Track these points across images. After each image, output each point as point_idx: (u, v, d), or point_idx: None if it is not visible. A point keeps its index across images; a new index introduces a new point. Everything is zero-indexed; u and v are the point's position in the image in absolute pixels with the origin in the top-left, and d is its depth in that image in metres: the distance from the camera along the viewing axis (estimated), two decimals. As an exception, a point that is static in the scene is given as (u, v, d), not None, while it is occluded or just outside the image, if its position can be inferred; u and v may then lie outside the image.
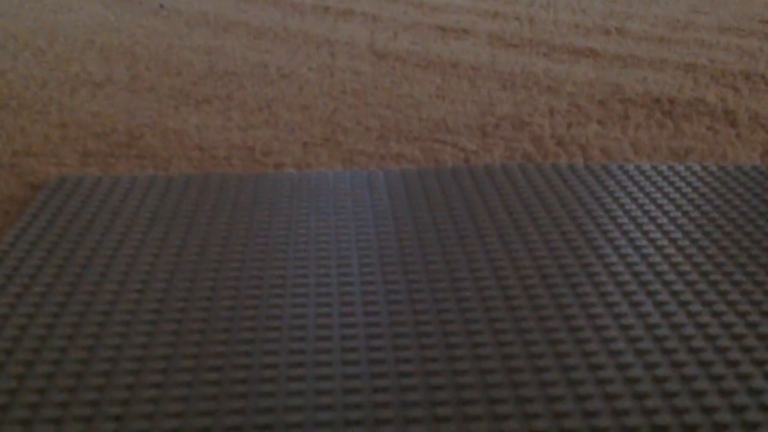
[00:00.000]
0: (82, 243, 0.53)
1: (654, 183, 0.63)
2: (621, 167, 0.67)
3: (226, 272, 0.49)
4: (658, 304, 0.45)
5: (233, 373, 0.39)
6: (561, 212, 0.58)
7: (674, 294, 0.46)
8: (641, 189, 0.62)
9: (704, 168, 0.66)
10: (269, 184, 0.63)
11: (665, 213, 0.57)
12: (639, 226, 0.55)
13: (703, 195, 0.61)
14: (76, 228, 0.55)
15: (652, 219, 0.56)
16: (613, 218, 0.57)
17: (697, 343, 0.41)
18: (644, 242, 0.53)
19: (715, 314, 0.44)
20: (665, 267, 0.49)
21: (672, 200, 0.60)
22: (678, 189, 0.62)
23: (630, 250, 0.52)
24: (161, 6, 1.04)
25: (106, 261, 0.50)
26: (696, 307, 0.45)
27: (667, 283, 0.47)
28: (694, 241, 0.53)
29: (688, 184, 0.63)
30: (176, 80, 0.96)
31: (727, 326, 0.43)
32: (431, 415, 0.36)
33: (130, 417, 0.36)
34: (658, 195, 0.61)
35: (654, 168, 0.66)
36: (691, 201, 0.60)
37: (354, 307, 0.45)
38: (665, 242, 0.53)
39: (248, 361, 0.40)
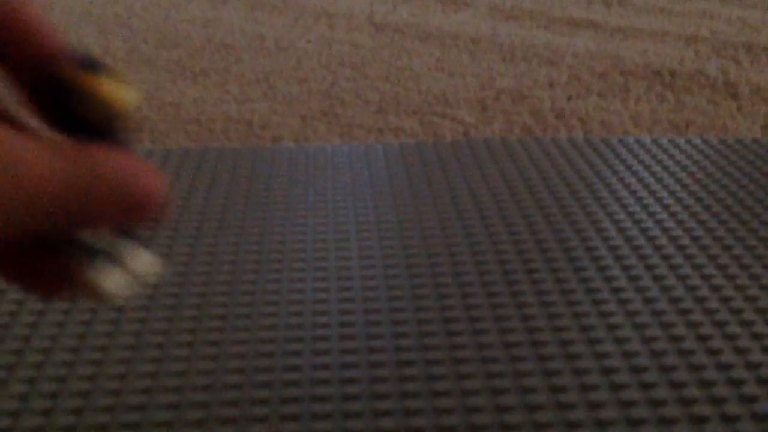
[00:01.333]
0: (79, 217, 0.53)
1: (654, 156, 0.63)
2: (621, 140, 0.66)
3: (222, 248, 0.49)
4: (657, 278, 0.45)
5: (230, 348, 0.39)
6: (560, 186, 0.57)
7: (673, 268, 0.46)
8: (641, 162, 0.62)
9: (705, 141, 0.66)
10: (267, 157, 0.63)
11: (665, 186, 0.57)
12: (639, 199, 0.55)
13: (703, 168, 0.60)
14: (73, 202, 0.55)
15: (652, 192, 0.56)
16: (613, 192, 0.56)
17: (696, 317, 0.41)
18: (644, 216, 0.53)
19: (714, 288, 0.44)
20: (664, 241, 0.49)
21: (672, 174, 0.59)
22: (678, 162, 0.62)
23: (629, 224, 0.51)
24: None
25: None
26: (695, 281, 0.45)
27: (666, 257, 0.47)
28: (693, 214, 0.53)
29: (689, 157, 0.63)
30: (173, 53, 0.95)
31: (726, 300, 0.43)
32: (432, 402, 0.36)
33: (126, 391, 0.36)
34: (658, 168, 0.60)
35: (654, 141, 0.66)
36: (691, 174, 0.59)
37: (352, 282, 0.45)
38: (665, 216, 0.53)
39: (246, 336, 0.40)
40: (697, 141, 0.66)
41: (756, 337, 0.40)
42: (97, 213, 0.20)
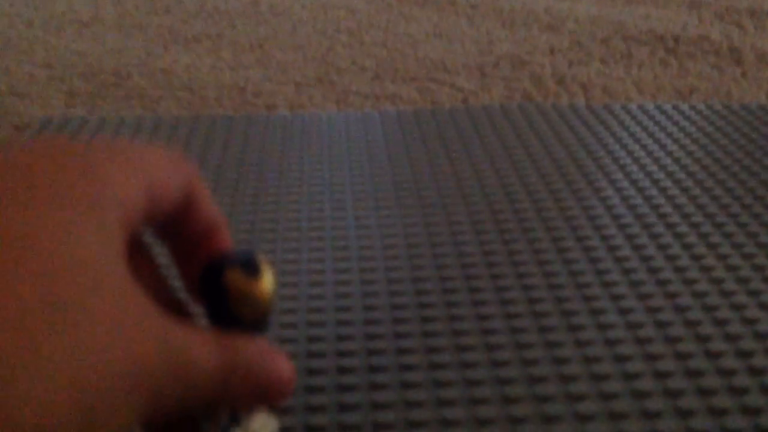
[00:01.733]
0: (68, 186, 0.51)
1: (658, 123, 0.61)
2: (624, 107, 0.65)
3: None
4: (662, 247, 0.44)
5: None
6: (562, 154, 0.56)
7: (678, 236, 0.45)
8: (644, 129, 0.60)
9: (709, 107, 0.64)
10: (261, 125, 0.61)
11: (669, 153, 0.56)
12: (642, 167, 0.54)
13: (708, 135, 0.59)
14: (62, 171, 0.53)
15: (656, 160, 0.55)
16: (616, 159, 0.55)
17: (702, 287, 0.40)
18: (647, 184, 0.51)
19: (720, 257, 0.43)
20: (669, 209, 0.48)
21: (676, 140, 0.58)
22: (682, 129, 0.60)
23: (633, 192, 0.50)
24: None
25: (92, 205, 0.49)
26: (700, 250, 0.43)
27: (670, 226, 0.46)
28: (698, 182, 0.51)
29: (693, 123, 0.61)
30: (165, 18, 0.93)
31: (733, 269, 0.42)
32: (431, 376, 0.35)
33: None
34: (662, 135, 0.59)
35: (658, 107, 0.64)
36: (695, 141, 0.58)
37: (348, 252, 0.43)
38: (669, 183, 0.51)
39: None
40: (701, 107, 0.64)
41: (764, 307, 0.39)
42: (237, 396, 0.22)
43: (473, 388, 0.33)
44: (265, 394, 0.23)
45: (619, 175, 0.52)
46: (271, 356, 0.24)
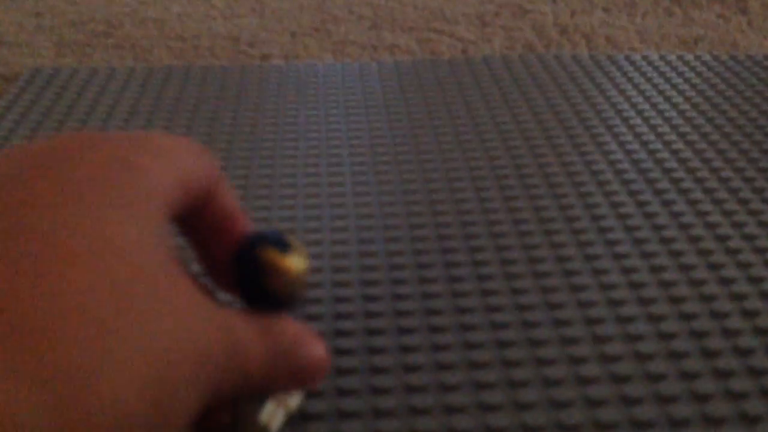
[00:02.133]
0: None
1: (662, 73, 0.60)
2: (627, 57, 0.63)
3: (209, 171, 0.46)
4: (666, 203, 0.43)
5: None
6: (564, 105, 0.54)
7: (682, 192, 0.44)
8: (649, 80, 0.59)
9: (714, 57, 0.63)
10: (255, 76, 0.60)
11: (674, 105, 0.54)
12: (646, 119, 0.52)
13: (713, 86, 0.57)
14: (51, 122, 0.52)
15: (660, 112, 0.53)
16: (619, 111, 0.53)
17: (707, 244, 0.39)
18: (652, 137, 0.50)
19: (726, 213, 0.42)
20: (674, 164, 0.47)
21: (681, 91, 0.57)
22: (687, 80, 0.59)
23: (636, 146, 0.49)
24: None
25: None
26: (706, 206, 0.42)
27: (675, 181, 0.45)
28: (704, 135, 0.50)
29: (698, 74, 0.60)
30: (157, -35, 0.91)
31: (738, 226, 0.41)
32: (429, 339, 0.34)
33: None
34: (667, 86, 0.57)
35: (662, 57, 0.63)
36: (701, 92, 0.56)
37: (345, 209, 0.42)
38: (674, 137, 0.50)
39: (233, 266, 0.38)
40: (707, 57, 0.63)
41: (758, 251, 0.38)
42: (277, 380, 0.23)
43: (473, 351, 0.33)
44: (303, 378, 0.24)
45: (623, 128, 0.51)
46: (308, 339, 0.24)
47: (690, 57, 0.63)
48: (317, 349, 0.24)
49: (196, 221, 0.25)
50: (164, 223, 0.20)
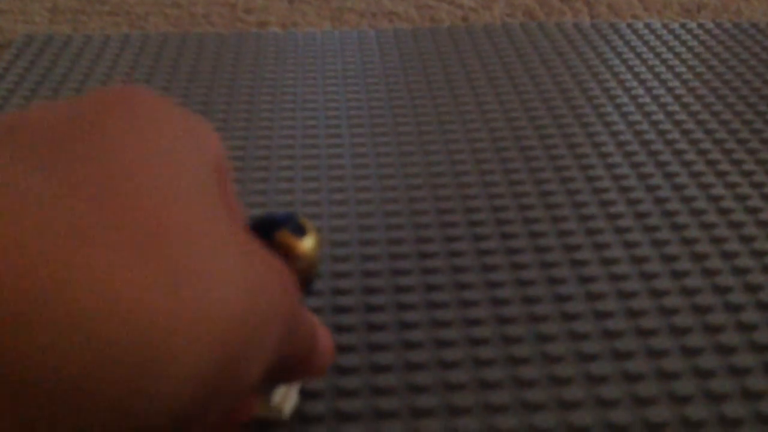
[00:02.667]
0: (52, 110, 0.49)
1: (665, 42, 0.59)
2: (629, 25, 0.62)
3: (206, 142, 0.46)
4: (668, 176, 0.42)
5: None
6: (565, 75, 0.54)
7: (686, 164, 0.43)
8: (651, 48, 0.58)
9: (718, 25, 0.62)
10: (252, 44, 0.59)
11: (676, 74, 0.54)
12: (648, 89, 0.52)
13: (716, 54, 0.57)
14: (45, 90, 0.51)
15: (663, 81, 0.53)
16: (621, 81, 0.53)
17: (709, 218, 0.39)
18: (654, 107, 0.49)
19: (729, 185, 0.41)
20: (676, 135, 0.46)
21: (684, 60, 0.56)
22: (690, 48, 0.58)
23: (639, 117, 0.48)
24: None
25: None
26: (709, 179, 0.42)
27: (678, 152, 0.44)
28: (707, 105, 0.50)
29: (701, 42, 0.59)
30: (152, -71, 0.89)
31: (741, 198, 0.40)
32: (428, 315, 0.34)
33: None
34: (669, 55, 0.57)
35: (665, 26, 0.62)
36: (704, 61, 0.56)
37: (344, 182, 0.42)
38: (676, 107, 0.49)
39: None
40: (710, 25, 0.62)
41: (762, 224, 0.37)
42: (292, 368, 0.22)
43: (473, 327, 0.32)
44: (308, 366, 0.23)
45: (625, 98, 0.50)
46: (321, 329, 0.24)
47: (693, 25, 0.62)
48: (328, 339, 0.24)
49: None
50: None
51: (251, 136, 0.46)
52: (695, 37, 0.60)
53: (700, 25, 0.62)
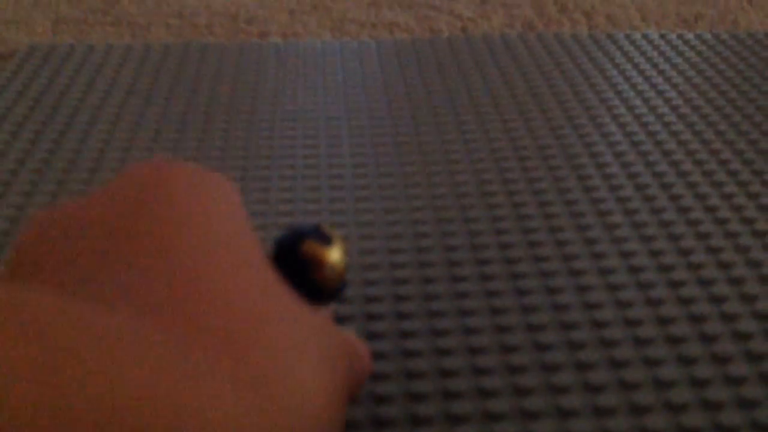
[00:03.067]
0: (55, 116, 0.50)
1: (662, 53, 0.59)
2: (627, 36, 0.63)
3: (206, 151, 0.46)
4: (665, 187, 0.43)
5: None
6: (563, 86, 0.54)
7: (682, 175, 0.44)
8: (648, 59, 0.58)
9: (715, 36, 0.63)
10: (253, 54, 0.59)
11: (674, 85, 0.54)
12: (645, 100, 0.52)
13: (713, 65, 0.57)
14: (48, 100, 0.52)
15: (660, 92, 0.53)
16: (619, 92, 0.53)
17: (705, 227, 0.39)
18: (651, 118, 0.50)
19: (725, 196, 0.42)
20: (673, 145, 0.47)
21: (681, 71, 0.56)
22: (687, 59, 0.58)
23: (636, 128, 0.49)
24: None
25: (81, 135, 0.47)
26: (705, 189, 0.42)
27: (675, 164, 0.45)
28: (704, 116, 0.50)
29: (698, 53, 0.59)
30: (154, -61, 0.90)
31: (736, 209, 0.41)
32: (426, 306, 0.34)
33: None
34: (667, 66, 0.57)
35: (662, 36, 0.63)
36: (701, 72, 0.56)
37: (344, 191, 0.42)
38: (673, 118, 0.50)
39: (232, 249, 0.38)
40: (707, 36, 0.63)
41: (758, 235, 0.38)
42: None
43: (468, 317, 0.33)
44: (358, 383, 0.24)
45: (622, 109, 0.51)
46: (359, 345, 0.24)
47: (690, 36, 0.63)
48: (366, 355, 0.25)
49: None
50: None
51: (252, 146, 0.47)
52: (693, 48, 0.60)
53: (698, 36, 0.62)
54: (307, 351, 0.18)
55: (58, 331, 0.13)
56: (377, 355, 0.32)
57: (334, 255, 0.25)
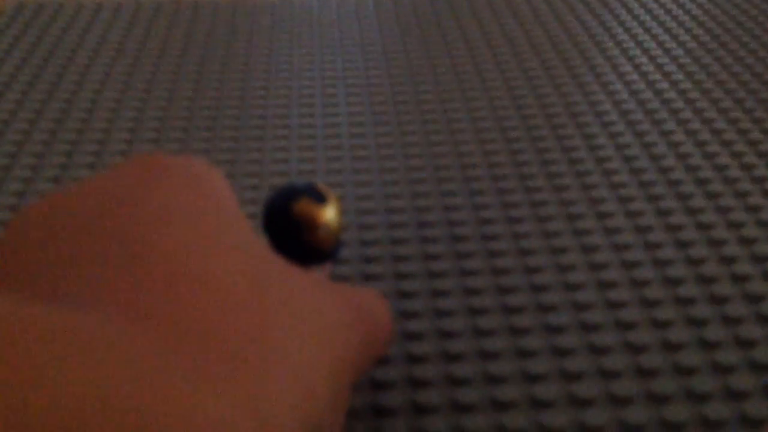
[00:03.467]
0: (43, 75, 0.48)
1: (668, 11, 0.58)
2: (632, -7, 0.61)
3: (199, 111, 0.45)
4: (665, 133, 0.41)
5: (208, 225, 0.36)
6: (566, 43, 0.53)
7: (690, 133, 0.42)
8: (655, 17, 0.57)
9: (723, -6, 0.61)
10: (247, 13, 0.58)
11: (681, 43, 0.53)
12: (652, 58, 0.51)
13: (713, 18, 0.56)
14: (37, 59, 0.50)
15: (667, 51, 0.52)
16: (624, 50, 0.52)
17: (715, 187, 0.38)
18: (658, 76, 0.48)
19: (735, 155, 0.41)
20: (681, 104, 0.45)
21: (688, 29, 0.55)
22: (688, 11, 0.57)
23: (643, 86, 0.47)
24: None
25: (69, 96, 0.46)
26: (704, 136, 0.41)
27: (682, 122, 0.43)
28: (712, 74, 0.49)
29: (699, 6, 0.58)
30: None
31: (747, 168, 0.39)
32: (425, 266, 0.33)
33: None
34: (674, 24, 0.56)
35: (668, -6, 0.61)
36: (708, 30, 0.54)
37: (341, 151, 0.41)
38: (681, 76, 0.48)
39: (224, 210, 0.37)
40: (715, -6, 0.61)
41: (756, 180, 0.37)
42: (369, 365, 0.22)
43: (469, 278, 0.31)
44: (380, 347, 0.23)
45: (628, 68, 0.49)
46: (379, 302, 0.23)
47: (697, -7, 0.61)
48: (387, 311, 0.24)
49: None
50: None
51: (246, 105, 0.45)
52: (698, 5, 0.59)
53: (705, -6, 0.61)
54: (304, 340, 0.17)
55: (7, 335, 0.12)
56: (375, 318, 0.30)
57: (329, 214, 0.24)
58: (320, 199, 0.24)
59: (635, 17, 0.56)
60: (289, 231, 0.23)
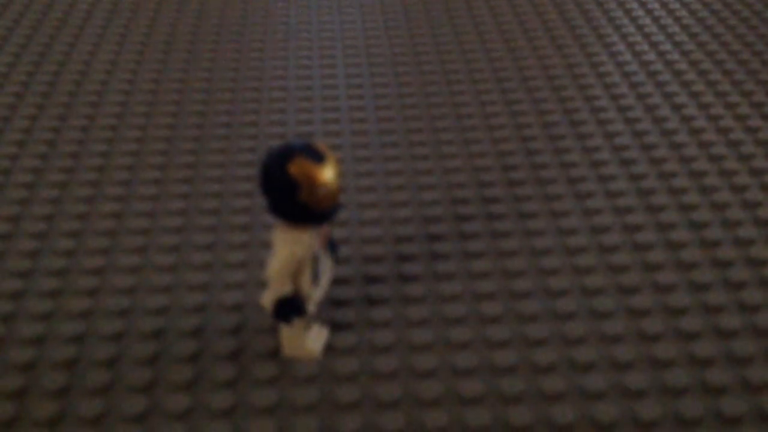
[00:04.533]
0: (35, 36, 0.47)
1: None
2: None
3: (195, 72, 0.44)
4: (676, 107, 0.41)
5: (203, 187, 0.35)
6: (570, 5, 0.52)
7: (694, 95, 0.42)
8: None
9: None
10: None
11: (685, 4, 0.52)
12: (656, 19, 0.50)
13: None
14: (29, 20, 0.49)
15: (671, 12, 0.51)
16: (628, 11, 0.51)
17: (718, 150, 0.37)
18: (662, 38, 0.47)
19: (739, 117, 0.40)
20: (684, 66, 0.44)
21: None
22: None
23: (646, 47, 0.46)
24: None
25: (66, 49, 0.45)
26: (708, 98, 0.40)
27: (686, 84, 0.43)
28: (716, 36, 0.48)
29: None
30: None
31: (741, 118, 0.39)
32: (424, 230, 0.32)
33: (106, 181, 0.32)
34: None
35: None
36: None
37: (338, 114, 0.40)
38: (684, 38, 0.47)
39: (220, 173, 0.36)
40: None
41: (762, 143, 0.36)
42: None
43: (468, 241, 0.31)
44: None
45: (631, 29, 0.48)
46: None
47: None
48: None
49: None
50: None
51: (242, 66, 0.44)
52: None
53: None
54: None
55: None
56: (374, 279, 0.30)
57: (327, 173, 0.23)
58: (318, 158, 0.23)
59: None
60: (287, 191, 0.23)
